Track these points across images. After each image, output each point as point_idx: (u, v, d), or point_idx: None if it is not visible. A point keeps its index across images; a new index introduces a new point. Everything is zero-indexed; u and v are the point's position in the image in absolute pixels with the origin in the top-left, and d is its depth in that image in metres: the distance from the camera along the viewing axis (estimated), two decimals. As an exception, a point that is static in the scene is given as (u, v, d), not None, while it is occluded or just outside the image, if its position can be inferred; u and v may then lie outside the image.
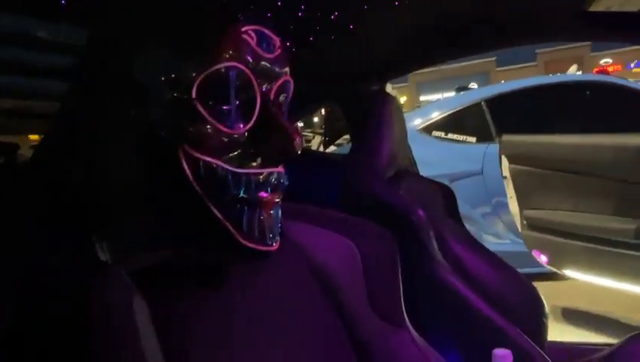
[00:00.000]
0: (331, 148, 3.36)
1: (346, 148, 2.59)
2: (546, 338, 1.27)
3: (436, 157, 3.20)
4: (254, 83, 0.47)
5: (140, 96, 0.45)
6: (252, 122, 0.47)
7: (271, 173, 0.48)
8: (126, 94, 0.45)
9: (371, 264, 0.67)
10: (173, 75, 0.44)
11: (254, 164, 0.47)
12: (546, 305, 1.30)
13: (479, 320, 0.97)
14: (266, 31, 0.50)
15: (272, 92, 0.49)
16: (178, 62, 0.45)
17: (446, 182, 3.16)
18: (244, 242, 0.47)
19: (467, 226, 1.41)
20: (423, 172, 1.87)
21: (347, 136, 2.33)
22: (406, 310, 0.73)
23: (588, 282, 2.17)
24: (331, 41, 1.19)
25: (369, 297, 0.66)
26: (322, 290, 0.61)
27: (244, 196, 0.46)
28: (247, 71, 0.46)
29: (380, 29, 1.17)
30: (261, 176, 0.47)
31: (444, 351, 0.79)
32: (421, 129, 3.43)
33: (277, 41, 0.51)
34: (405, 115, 4.29)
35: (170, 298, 0.47)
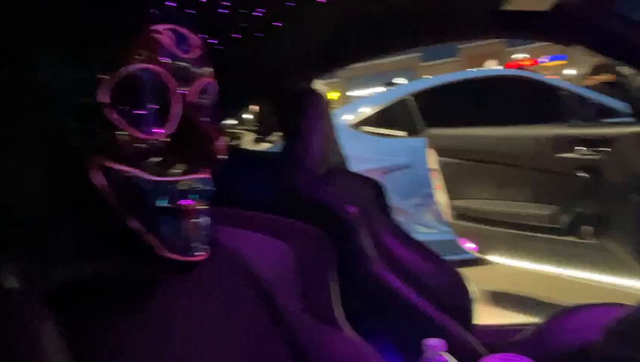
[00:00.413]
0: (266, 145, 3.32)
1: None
2: (474, 322, 1.33)
3: (367, 152, 3.26)
4: (171, 85, 0.44)
5: (43, 101, 0.41)
6: (171, 127, 0.44)
7: (194, 180, 0.46)
8: (26, 100, 0.41)
9: (305, 265, 0.66)
10: (79, 79, 0.41)
11: (176, 171, 0.45)
12: (472, 291, 1.36)
13: (413, 312, 0.99)
14: (183, 30, 0.47)
15: (193, 94, 0.47)
16: (84, 63, 0.41)
17: (377, 175, 3.22)
18: (167, 254, 0.45)
19: (398, 217, 1.45)
20: (355, 167, 1.88)
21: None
22: (342, 307, 0.73)
23: (510, 265, 2.30)
24: (259, 38, 1.17)
25: (303, 298, 0.66)
26: (255, 295, 0.60)
27: (166, 206, 0.44)
28: (162, 72, 0.43)
29: (308, 26, 1.17)
30: (183, 184, 0.45)
31: (381, 346, 0.80)
32: (352, 124, 3.47)
33: (196, 39, 0.48)
34: (336, 111, 4.32)
35: (89, 316, 0.44)
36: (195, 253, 0.46)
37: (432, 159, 2.38)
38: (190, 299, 0.52)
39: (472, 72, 4.27)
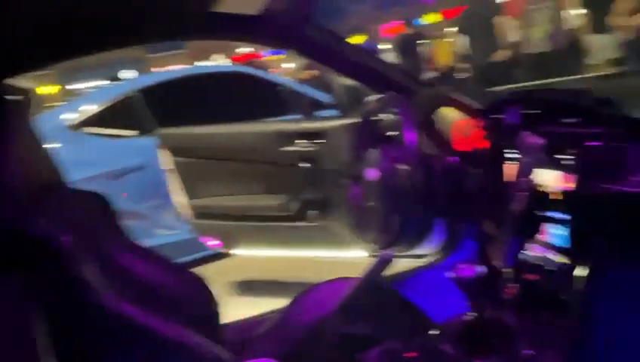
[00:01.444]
0: None
1: None
2: (220, 324, 1.33)
3: (94, 156, 2.99)
4: None
5: None
6: None
7: None
8: None
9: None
10: None
11: None
12: (216, 293, 1.36)
13: (156, 338, 0.92)
14: None
15: None
16: None
17: (106, 180, 2.96)
18: None
19: (137, 222, 1.34)
20: (80, 174, 1.66)
21: None
22: (75, 354, 0.63)
23: (254, 255, 2.42)
24: None
25: None
26: None
27: None
28: None
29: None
30: None
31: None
32: (72, 125, 3.10)
33: None
34: (53, 110, 3.82)
35: None
36: None
37: (166, 159, 2.29)
38: None
39: (199, 68, 4.32)
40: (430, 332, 1.02)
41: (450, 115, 1.40)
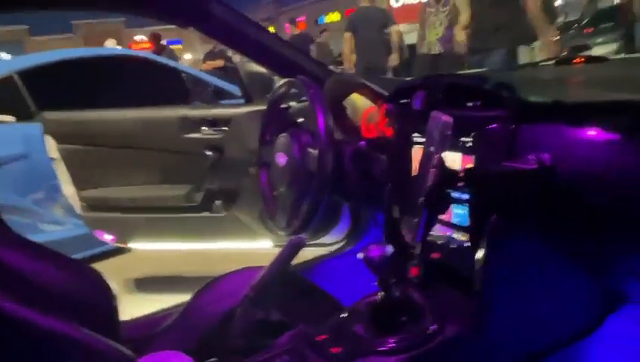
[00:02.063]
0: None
1: None
2: (119, 322, 1.23)
3: None
4: None
5: None
6: None
7: None
8: None
9: None
10: None
11: None
12: (113, 287, 1.26)
13: (48, 339, 0.82)
14: None
15: None
16: None
17: (-19, 171, 2.65)
18: None
19: (19, 218, 1.18)
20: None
21: None
22: None
23: (153, 249, 2.28)
24: None
25: None
26: None
27: None
28: None
29: None
30: None
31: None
32: None
33: None
34: None
35: None
36: None
37: (52, 146, 2.09)
38: None
39: (89, 50, 4.01)
40: (340, 314, 1.03)
41: (358, 102, 1.42)
